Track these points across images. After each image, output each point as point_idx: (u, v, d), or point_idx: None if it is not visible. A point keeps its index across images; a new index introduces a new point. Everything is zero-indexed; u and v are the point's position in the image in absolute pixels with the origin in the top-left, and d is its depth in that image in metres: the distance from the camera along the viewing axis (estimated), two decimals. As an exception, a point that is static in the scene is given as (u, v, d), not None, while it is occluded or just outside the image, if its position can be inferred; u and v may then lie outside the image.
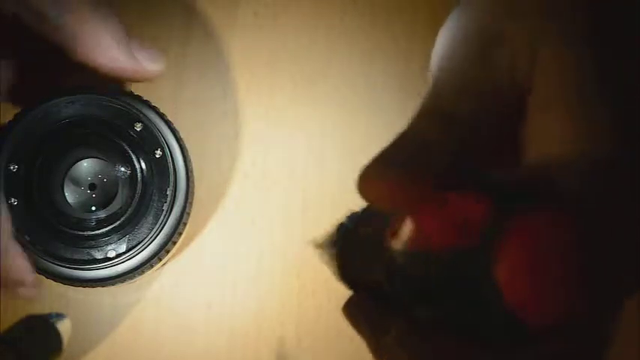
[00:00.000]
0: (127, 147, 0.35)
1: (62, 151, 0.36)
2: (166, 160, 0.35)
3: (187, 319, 0.42)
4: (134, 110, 0.35)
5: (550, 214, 0.20)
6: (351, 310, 0.25)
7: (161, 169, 0.35)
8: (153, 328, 0.42)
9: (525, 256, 0.19)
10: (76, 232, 0.35)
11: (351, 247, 0.26)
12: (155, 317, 0.42)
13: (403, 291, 0.22)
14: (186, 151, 0.37)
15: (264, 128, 0.43)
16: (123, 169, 0.36)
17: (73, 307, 0.42)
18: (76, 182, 0.37)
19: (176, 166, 0.36)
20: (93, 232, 0.35)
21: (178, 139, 0.37)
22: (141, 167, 0.35)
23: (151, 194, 0.35)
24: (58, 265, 0.35)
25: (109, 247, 0.35)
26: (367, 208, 0.28)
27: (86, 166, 0.37)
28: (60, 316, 0.35)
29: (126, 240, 0.35)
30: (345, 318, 0.25)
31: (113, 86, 0.36)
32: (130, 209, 0.35)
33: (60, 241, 0.35)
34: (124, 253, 0.35)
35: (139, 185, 0.35)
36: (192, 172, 0.37)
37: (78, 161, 0.37)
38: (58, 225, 0.35)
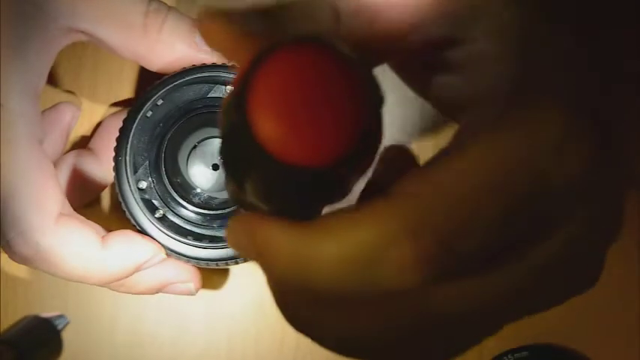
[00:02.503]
0: None
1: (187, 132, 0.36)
2: None
3: (187, 319, 0.42)
4: None
5: (302, 46, 0.17)
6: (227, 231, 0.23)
7: None
8: (153, 328, 0.42)
9: (270, 90, 0.17)
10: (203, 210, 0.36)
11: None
12: (155, 317, 0.42)
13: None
14: None
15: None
16: None
17: (73, 307, 0.42)
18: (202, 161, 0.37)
19: None
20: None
21: None
22: None
23: None
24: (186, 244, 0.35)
25: None
26: None
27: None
28: (60, 316, 0.35)
29: None
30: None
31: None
32: None
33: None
34: None
35: None
36: None
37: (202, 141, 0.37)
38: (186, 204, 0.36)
